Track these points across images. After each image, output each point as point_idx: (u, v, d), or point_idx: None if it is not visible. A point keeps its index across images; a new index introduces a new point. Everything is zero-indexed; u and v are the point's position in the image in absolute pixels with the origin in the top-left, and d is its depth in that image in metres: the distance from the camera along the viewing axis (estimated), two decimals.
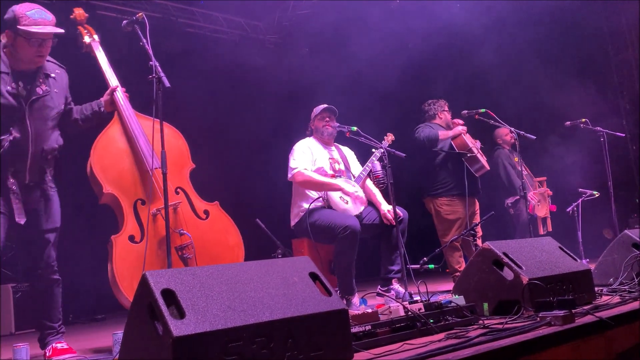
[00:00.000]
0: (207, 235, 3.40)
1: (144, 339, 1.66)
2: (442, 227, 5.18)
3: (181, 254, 3.22)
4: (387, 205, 4.30)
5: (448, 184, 5.16)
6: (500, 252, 2.72)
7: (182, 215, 3.34)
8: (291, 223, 4.38)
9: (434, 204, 5.22)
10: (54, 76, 3.11)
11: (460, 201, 5.12)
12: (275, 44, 9.05)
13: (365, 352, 2.01)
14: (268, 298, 1.80)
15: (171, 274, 1.72)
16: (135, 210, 3.24)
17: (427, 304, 2.45)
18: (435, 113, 5.39)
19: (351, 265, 4.05)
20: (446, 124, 5.38)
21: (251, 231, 4.29)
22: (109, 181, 3.22)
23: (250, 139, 8.06)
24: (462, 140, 5.09)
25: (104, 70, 3.45)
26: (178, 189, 3.43)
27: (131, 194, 3.26)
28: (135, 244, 3.16)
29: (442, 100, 5.48)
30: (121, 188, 3.24)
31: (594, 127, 5.49)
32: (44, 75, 3.08)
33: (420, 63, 7.46)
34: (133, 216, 3.22)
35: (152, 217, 3.21)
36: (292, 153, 4.36)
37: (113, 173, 3.25)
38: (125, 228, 3.18)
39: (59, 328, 3.16)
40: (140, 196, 3.27)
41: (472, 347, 1.92)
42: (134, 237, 3.18)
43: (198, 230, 3.36)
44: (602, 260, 3.62)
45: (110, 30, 4.01)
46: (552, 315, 2.23)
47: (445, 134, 5.13)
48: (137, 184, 3.29)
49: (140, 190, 3.28)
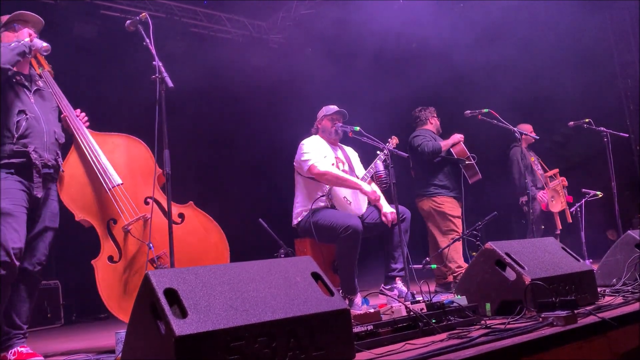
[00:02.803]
0: (185, 239, 3.34)
1: (147, 338, 1.67)
2: (445, 223, 5.19)
3: (157, 265, 3.22)
4: (388, 207, 4.30)
5: (449, 186, 5.27)
6: (503, 253, 2.71)
7: (154, 225, 3.28)
8: (293, 222, 4.38)
9: (433, 202, 5.25)
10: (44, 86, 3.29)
11: (458, 202, 5.25)
12: (278, 44, 9.06)
13: (367, 352, 2.01)
14: (270, 298, 1.80)
15: (174, 274, 1.72)
16: (110, 230, 3.29)
17: (430, 304, 2.46)
18: (426, 118, 5.58)
19: (353, 265, 4.05)
20: (436, 129, 5.59)
21: (254, 231, 4.30)
22: (79, 208, 3.29)
23: (253, 138, 8.07)
24: (461, 148, 5.24)
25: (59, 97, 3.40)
26: (147, 199, 3.38)
27: (101, 216, 3.31)
28: (115, 264, 3.23)
29: (431, 107, 5.67)
30: (90, 213, 3.30)
31: (598, 127, 5.48)
32: (37, 76, 3.28)
33: (424, 63, 7.46)
34: (108, 237, 3.28)
35: (124, 234, 3.27)
36: (303, 147, 4.33)
37: (80, 200, 3.31)
38: (103, 250, 3.25)
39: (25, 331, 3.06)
40: (111, 216, 3.31)
41: (474, 348, 1.91)
42: (113, 257, 3.25)
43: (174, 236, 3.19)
44: (605, 260, 3.61)
45: (114, 30, 4.03)
46: (554, 315, 2.22)
47: (446, 144, 5.28)
48: (105, 205, 3.32)
49: (109, 210, 3.31)
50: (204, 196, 3.80)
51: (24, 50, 3.04)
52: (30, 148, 3.01)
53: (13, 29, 3.20)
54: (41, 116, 3.10)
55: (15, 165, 2.97)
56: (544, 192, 5.87)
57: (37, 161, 3.01)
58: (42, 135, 3.08)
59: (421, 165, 5.34)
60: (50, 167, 3.12)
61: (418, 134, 5.40)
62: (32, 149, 3.01)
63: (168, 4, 7.83)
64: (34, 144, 3.03)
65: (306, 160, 4.22)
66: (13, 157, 2.97)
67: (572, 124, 5.70)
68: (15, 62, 2.98)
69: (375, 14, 7.40)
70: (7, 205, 2.88)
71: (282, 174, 4.69)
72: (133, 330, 1.76)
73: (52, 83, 3.37)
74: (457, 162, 5.24)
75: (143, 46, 3.12)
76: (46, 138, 3.09)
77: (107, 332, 4.00)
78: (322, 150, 4.35)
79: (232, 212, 6.55)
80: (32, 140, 3.03)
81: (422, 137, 5.33)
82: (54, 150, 3.16)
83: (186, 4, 8.01)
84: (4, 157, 2.96)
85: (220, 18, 8.41)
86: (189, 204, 3.48)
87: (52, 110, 3.25)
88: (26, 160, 2.99)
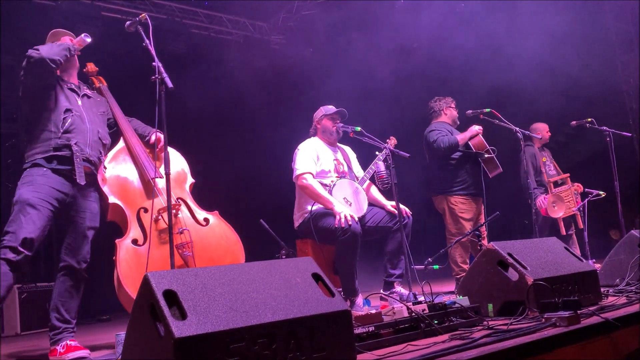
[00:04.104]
0: (207, 240, 3.57)
1: (146, 339, 1.66)
2: (456, 225, 5.11)
3: (181, 251, 3.37)
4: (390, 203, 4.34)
5: (465, 183, 5.11)
6: (505, 253, 2.70)
7: (183, 219, 3.55)
8: (295, 224, 4.37)
9: (447, 201, 5.15)
10: (92, 94, 3.60)
11: (474, 201, 5.13)
12: (279, 45, 9.05)
13: (369, 353, 2.00)
14: (270, 299, 1.79)
15: (173, 275, 1.71)
16: (139, 217, 3.46)
17: (431, 305, 2.44)
18: (440, 109, 5.38)
19: (353, 267, 4.04)
20: (452, 120, 5.38)
21: (255, 232, 4.29)
22: (114, 192, 3.47)
23: (255, 139, 8.07)
24: (480, 140, 5.06)
25: (114, 107, 3.76)
26: (179, 200, 3.63)
27: (134, 203, 3.50)
28: (138, 247, 3.35)
29: (449, 97, 5.47)
30: (125, 198, 3.50)
31: (600, 126, 5.45)
32: (89, 87, 3.64)
33: (425, 64, 7.45)
34: (136, 223, 3.44)
35: (154, 222, 3.42)
36: (297, 154, 4.34)
37: (116, 185, 3.52)
38: (129, 233, 3.38)
39: (74, 325, 3.28)
40: (143, 205, 3.50)
41: (476, 349, 1.90)
42: (137, 241, 3.38)
43: (198, 234, 3.54)
44: (608, 260, 3.60)
45: (114, 31, 4.04)
46: (557, 316, 2.21)
47: (464, 137, 5.08)
48: (140, 194, 3.56)
49: (143, 200, 3.53)
50: (205, 200, 3.82)
51: (68, 47, 3.29)
52: (73, 142, 3.21)
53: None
54: (86, 116, 3.35)
55: (59, 157, 3.18)
56: (544, 197, 5.73)
57: (78, 152, 3.21)
58: (85, 132, 3.30)
59: (437, 161, 5.20)
60: (92, 162, 3.31)
61: (433, 129, 5.21)
62: (74, 142, 3.21)
63: (169, 5, 7.83)
64: (77, 138, 3.24)
65: (295, 170, 4.27)
66: (57, 150, 3.18)
67: (574, 123, 5.68)
68: (63, 57, 3.21)
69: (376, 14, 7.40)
70: (34, 197, 3.05)
71: (283, 174, 4.67)
72: (132, 332, 1.75)
73: (109, 95, 3.76)
74: (477, 156, 5.06)
75: (143, 47, 3.12)
76: (89, 135, 3.31)
77: (109, 334, 4.00)
78: (319, 155, 4.33)
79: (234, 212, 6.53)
80: (75, 136, 3.24)
81: (438, 131, 5.14)
82: (97, 148, 3.37)
83: (187, 5, 8.01)
84: (49, 150, 3.17)
85: (221, 19, 8.40)
86: (215, 212, 3.72)
87: (100, 114, 3.51)
88: (68, 153, 3.19)
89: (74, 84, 3.45)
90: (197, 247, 3.44)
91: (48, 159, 3.16)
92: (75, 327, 3.27)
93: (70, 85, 3.41)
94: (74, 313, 3.27)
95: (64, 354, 3.10)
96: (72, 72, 3.48)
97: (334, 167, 4.37)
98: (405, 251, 3.98)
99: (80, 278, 3.31)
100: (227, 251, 3.60)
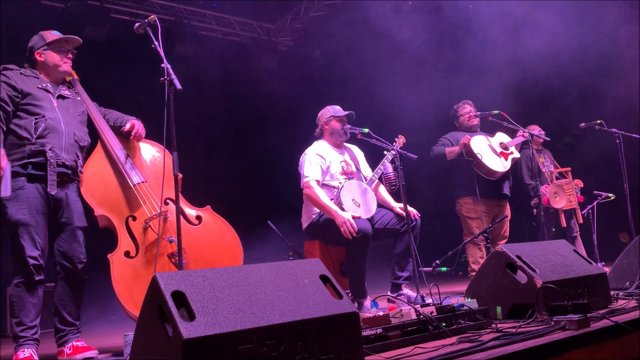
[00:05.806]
0: (201, 240, 3.45)
1: (154, 340, 1.66)
2: (466, 225, 5.38)
3: (174, 260, 3.26)
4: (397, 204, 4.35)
5: (467, 186, 5.33)
6: (514, 255, 2.69)
7: (173, 223, 3.32)
8: (303, 225, 4.36)
9: (457, 204, 5.45)
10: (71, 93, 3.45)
11: (484, 202, 5.25)
12: (287, 47, 9.07)
13: (377, 355, 1.99)
14: (278, 300, 1.79)
15: (181, 276, 1.72)
16: (128, 226, 3.35)
17: (440, 307, 2.43)
18: (456, 115, 5.66)
19: (363, 268, 4.03)
20: (464, 128, 5.61)
21: (263, 233, 4.30)
22: (99, 203, 3.35)
23: (262, 141, 8.08)
24: (467, 148, 5.24)
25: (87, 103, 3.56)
26: (167, 200, 3.46)
27: (121, 211, 3.37)
28: (131, 259, 3.26)
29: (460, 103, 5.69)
30: (110, 208, 3.36)
31: (609, 128, 5.43)
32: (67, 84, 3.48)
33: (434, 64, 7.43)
34: (126, 233, 3.32)
35: (143, 230, 3.32)
36: (304, 159, 4.33)
37: (101, 195, 3.38)
38: (120, 245, 3.28)
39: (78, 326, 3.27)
40: (131, 213, 3.38)
41: (485, 351, 1.89)
42: (129, 253, 3.28)
43: (191, 236, 3.42)
44: (618, 263, 3.57)
45: (123, 33, 4.06)
46: (566, 319, 2.19)
47: (451, 151, 5.32)
48: (125, 202, 3.41)
49: (130, 206, 3.40)
50: (213, 198, 3.81)
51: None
52: (47, 147, 3.13)
53: (59, 50, 3.36)
54: (61, 118, 3.24)
55: (33, 164, 3.11)
56: (546, 187, 5.85)
57: (52, 159, 3.13)
58: (60, 135, 3.20)
59: (449, 167, 5.49)
60: (69, 167, 3.23)
61: (441, 138, 5.55)
62: (48, 148, 3.13)
63: (177, 7, 7.87)
64: (52, 143, 3.16)
65: (303, 176, 4.26)
66: (31, 157, 3.11)
67: (583, 125, 5.66)
68: None
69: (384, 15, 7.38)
70: (25, 215, 3.04)
71: (291, 175, 4.67)
72: (141, 333, 1.76)
73: (81, 90, 3.55)
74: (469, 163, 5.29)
75: (151, 49, 3.13)
76: (65, 139, 3.21)
77: (117, 334, 4.00)
78: (325, 160, 4.32)
79: (241, 214, 6.56)
80: (50, 140, 3.16)
81: (440, 141, 5.50)
82: (74, 151, 3.27)
83: (195, 6, 8.04)
84: (24, 157, 3.10)
85: (229, 21, 8.43)
86: (207, 207, 3.58)
87: (77, 115, 3.38)
88: (43, 159, 3.12)
89: (49, 83, 3.31)
90: (192, 251, 3.31)
91: (23, 166, 3.09)
92: (79, 327, 3.27)
93: (44, 86, 3.28)
94: (76, 315, 3.26)
95: (71, 355, 3.11)
96: (49, 71, 3.34)
97: (342, 169, 4.36)
98: (413, 253, 3.97)
99: (79, 279, 3.27)
100: (224, 247, 3.49)
